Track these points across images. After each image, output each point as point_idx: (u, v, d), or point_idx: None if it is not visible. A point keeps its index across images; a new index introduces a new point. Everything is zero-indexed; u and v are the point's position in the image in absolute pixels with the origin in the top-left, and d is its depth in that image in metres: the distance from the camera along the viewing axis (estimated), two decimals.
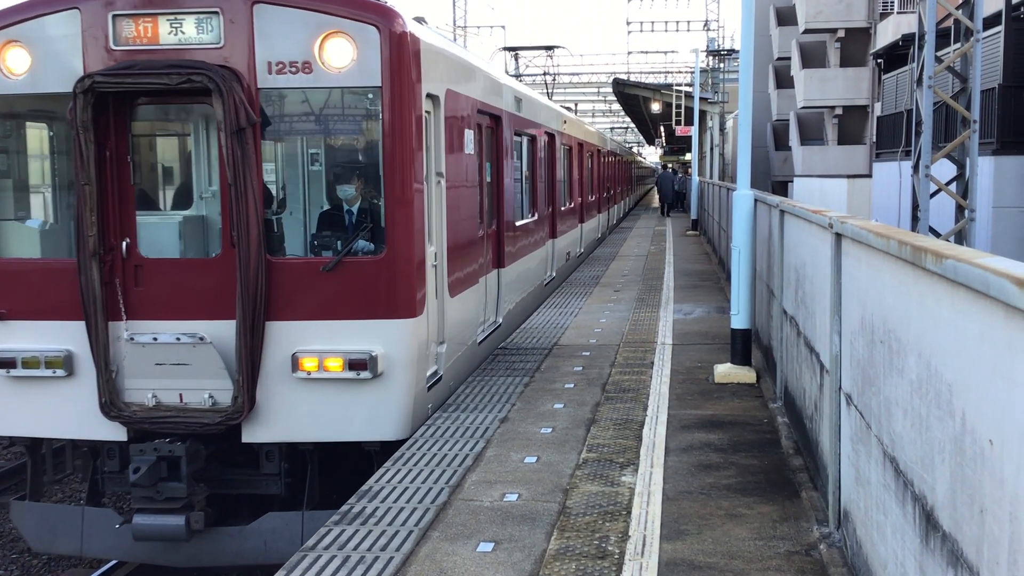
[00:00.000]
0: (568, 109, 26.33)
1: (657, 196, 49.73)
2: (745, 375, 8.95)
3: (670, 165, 64.77)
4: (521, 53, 33.85)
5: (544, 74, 31.91)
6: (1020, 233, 16.36)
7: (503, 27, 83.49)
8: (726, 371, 9.03)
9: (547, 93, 29.25)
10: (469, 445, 7.02)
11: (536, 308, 13.99)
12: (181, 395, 7.10)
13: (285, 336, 6.99)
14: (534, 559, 5.00)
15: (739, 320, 9.14)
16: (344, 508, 5.79)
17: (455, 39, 39.97)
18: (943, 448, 3.02)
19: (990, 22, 16.38)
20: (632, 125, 79.38)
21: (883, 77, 27.29)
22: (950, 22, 14.35)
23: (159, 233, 7.53)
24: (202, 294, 7.12)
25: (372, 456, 7.23)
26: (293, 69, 6.92)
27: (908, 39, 22.02)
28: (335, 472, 7.63)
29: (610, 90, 56.07)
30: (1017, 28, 17.32)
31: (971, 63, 12.95)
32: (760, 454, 6.75)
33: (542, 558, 5.00)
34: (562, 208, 17.68)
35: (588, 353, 10.46)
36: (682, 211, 44.91)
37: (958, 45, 13.53)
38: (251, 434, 7.08)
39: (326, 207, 7.71)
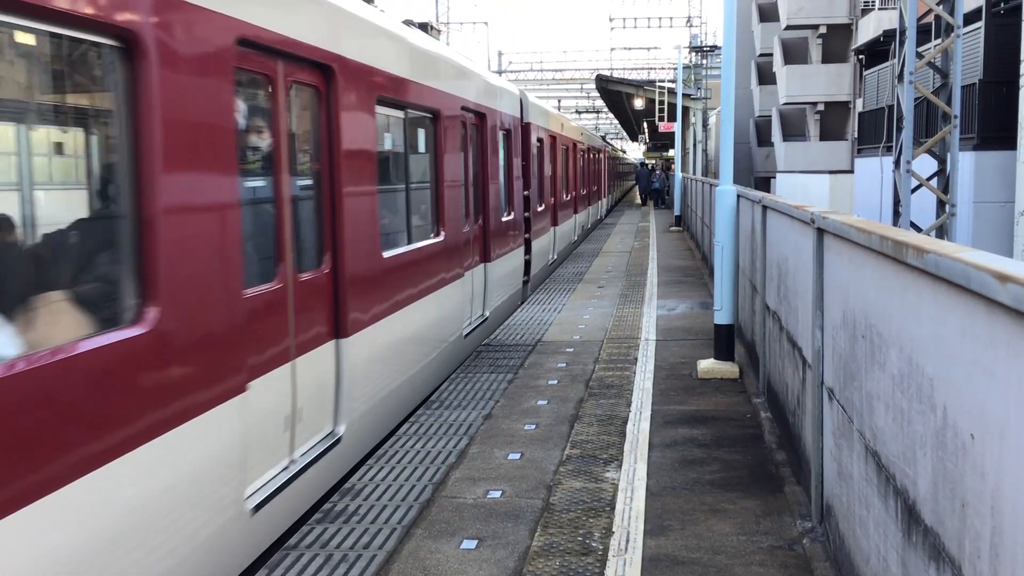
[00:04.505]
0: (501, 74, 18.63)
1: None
2: (728, 370, 8.97)
3: (647, 163, 65.90)
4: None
5: None
6: (1001, 228, 16.48)
7: (485, 23, 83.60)
8: (709, 367, 9.05)
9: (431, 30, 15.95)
10: (452, 442, 7.00)
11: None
12: None
13: None
14: (518, 556, 4.98)
15: (722, 316, 9.16)
16: (327, 506, 5.76)
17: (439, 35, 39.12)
18: (925, 442, 3.02)
19: (970, 18, 16.47)
20: (616, 121, 79.51)
21: (864, 73, 27.42)
22: (931, 18, 14.42)
23: None
24: None
25: None
26: None
27: (889, 35, 22.11)
28: None
29: (593, 87, 56.16)
30: (997, 24, 17.43)
31: (952, 59, 13.02)
32: (743, 449, 6.76)
33: (526, 555, 4.99)
34: (433, 237, 9.16)
35: (572, 349, 10.46)
36: (665, 207, 45.19)
37: (939, 41, 13.60)
38: None
39: None
